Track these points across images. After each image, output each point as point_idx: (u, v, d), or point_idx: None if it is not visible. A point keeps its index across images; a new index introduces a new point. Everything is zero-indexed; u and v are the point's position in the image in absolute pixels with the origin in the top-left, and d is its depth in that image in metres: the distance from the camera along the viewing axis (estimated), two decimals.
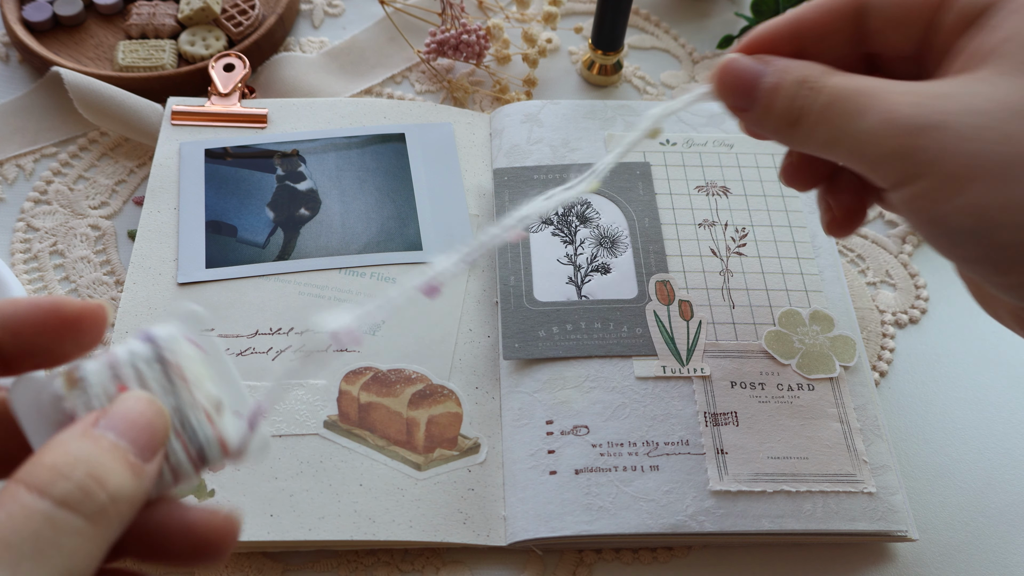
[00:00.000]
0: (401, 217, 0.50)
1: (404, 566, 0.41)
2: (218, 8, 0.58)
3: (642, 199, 0.49)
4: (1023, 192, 0.29)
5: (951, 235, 0.30)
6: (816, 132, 0.33)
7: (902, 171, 0.30)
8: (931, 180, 0.30)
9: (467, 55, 0.57)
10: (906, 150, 0.30)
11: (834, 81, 0.33)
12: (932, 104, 0.30)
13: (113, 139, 0.55)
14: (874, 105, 0.31)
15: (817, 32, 0.36)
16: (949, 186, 0.29)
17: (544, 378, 0.44)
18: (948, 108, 0.30)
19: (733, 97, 0.36)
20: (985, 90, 0.30)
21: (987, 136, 0.29)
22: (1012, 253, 0.29)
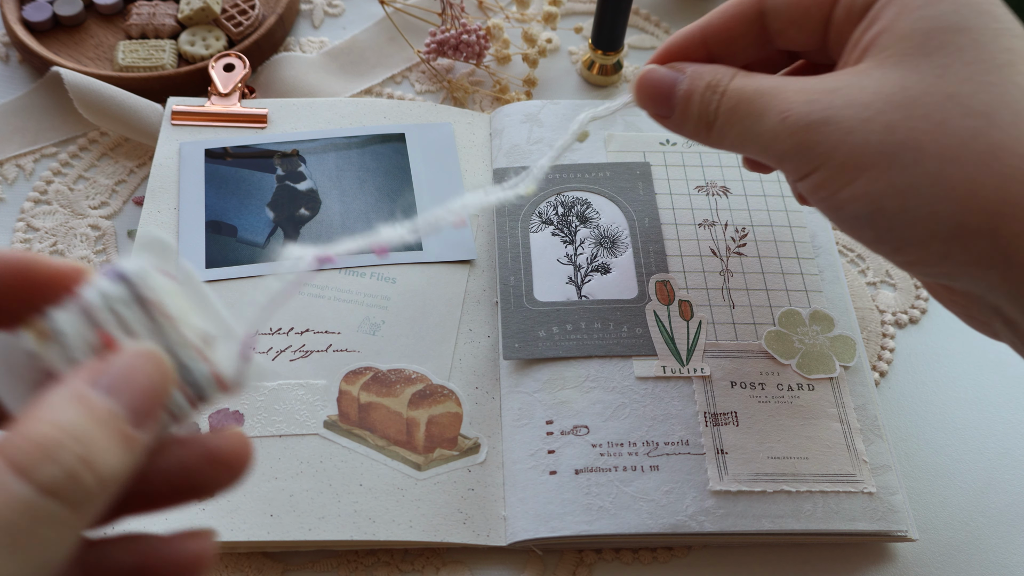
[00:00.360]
0: (401, 217, 0.50)
1: (404, 566, 0.41)
2: (218, 8, 0.58)
3: (642, 199, 0.49)
4: (905, 178, 0.31)
5: (850, 220, 0.33)
6: (727, 134, 0.36)
7: (801, 165, 0.33)
8: (826, 172, 0.32)
9: (467, 55, 0.57)
10: (802, 146, 0.32)
11: (737, 84, 0.35)
12: (821, 100, 0.32)
13: (113, 139, 0.55)
14: (772, 106, 0.33)
15: (724, 37, 0.38)
16: (842, 176, 0.32)
17: (544, 378, 0.44)
18: (835, 103, 0.32)
19: (653, 105, 0.38)
20: (866, 83, 0.32)
21: (870, 128, 0.31)
22: (901, 234, 0.32)
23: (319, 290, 0.47)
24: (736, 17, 0.38)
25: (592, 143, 0.52)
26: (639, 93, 0.39)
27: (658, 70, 0.38)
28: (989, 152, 0.30)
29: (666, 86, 0.38)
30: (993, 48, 0.31)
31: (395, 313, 0.46)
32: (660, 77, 0.38)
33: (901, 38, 0.32)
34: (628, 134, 0.52)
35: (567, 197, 0.49)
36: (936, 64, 0.31)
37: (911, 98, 0.31)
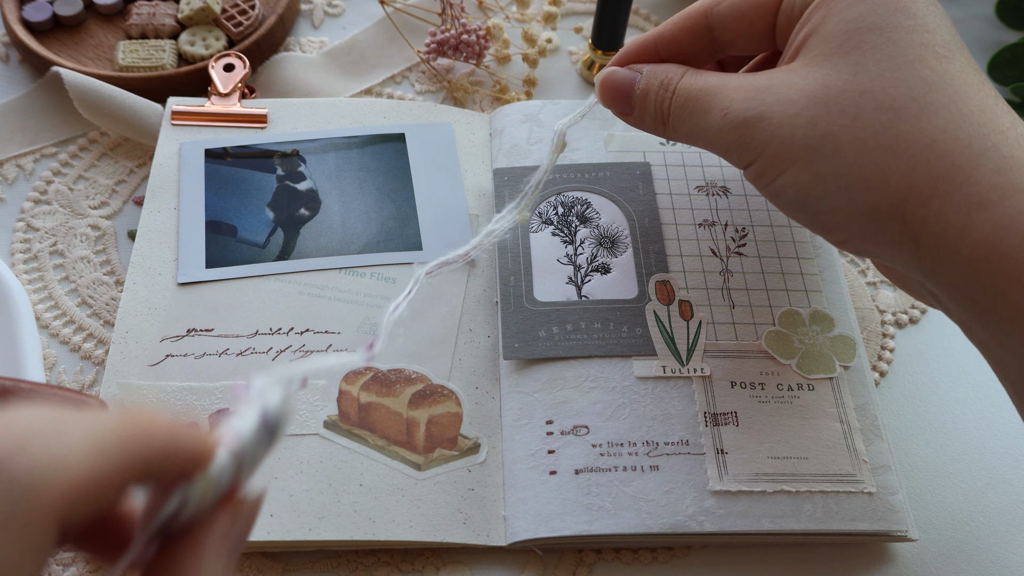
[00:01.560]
0: (401, 217, 0.50)
1: (404, 566, 0.41)
2: (218, 8, 0.58)
3: (642, 199, 0.49)
4: (826, 168, 0.34)
5: (786, 205, 0.37)
6: (679, 129, 0.40)
7: (742, 157, 0.37)
8: (763, 163, 0.36)
9: (467, 55, 0.57)
10: (741, 140, 0.36)
11: (685, 82, 0.39)
12: (757, 98, 0.36)
13: (113, 139, 0.55)
14: (714, 103, 0.37)
15: (675, 48, 0.41)
16: (775, 167, 0.35)
17: (544, 378, 0.44)
18: (768, 100, 0.35)
19: (615, 104, 0.42)
20: (794, 80, 0.35)
21: (796, 123, 0.34)
22: (827, 217, 0.35)
23: (319, 290, 0.47)
24: (684, 30, 0.41)
25: (592, 143, 0.52)
26: (602, 93, 0.42)
27: (618, 71, 0.42)
28: (896, 143, 0.33)
29: (625, 85, 0.41)
30: (905, 45, 0.34)
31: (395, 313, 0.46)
32: (620, 77, 0.41)
33: (825, 39, 0.35)
34: (628, 134, 0.52)
35: (567, 197, 0.49)
36: (853, 62, 0.34)
37: (830, 95, 0.34)
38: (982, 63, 0.60)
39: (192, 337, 0.45)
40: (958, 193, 0.31)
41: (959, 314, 0.34)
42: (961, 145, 0.32)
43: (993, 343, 0.33)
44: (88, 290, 0.49)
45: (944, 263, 0.32)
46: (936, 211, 0.32)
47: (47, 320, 0.48)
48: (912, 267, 0.34)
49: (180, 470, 0.24)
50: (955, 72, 0.33)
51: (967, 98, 0.33)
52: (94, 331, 0.48)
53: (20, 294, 0.47)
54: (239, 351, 0.45)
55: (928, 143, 0.32)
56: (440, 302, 0.47)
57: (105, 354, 0.47)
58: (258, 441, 0.26)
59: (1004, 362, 0.33)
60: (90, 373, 0.47)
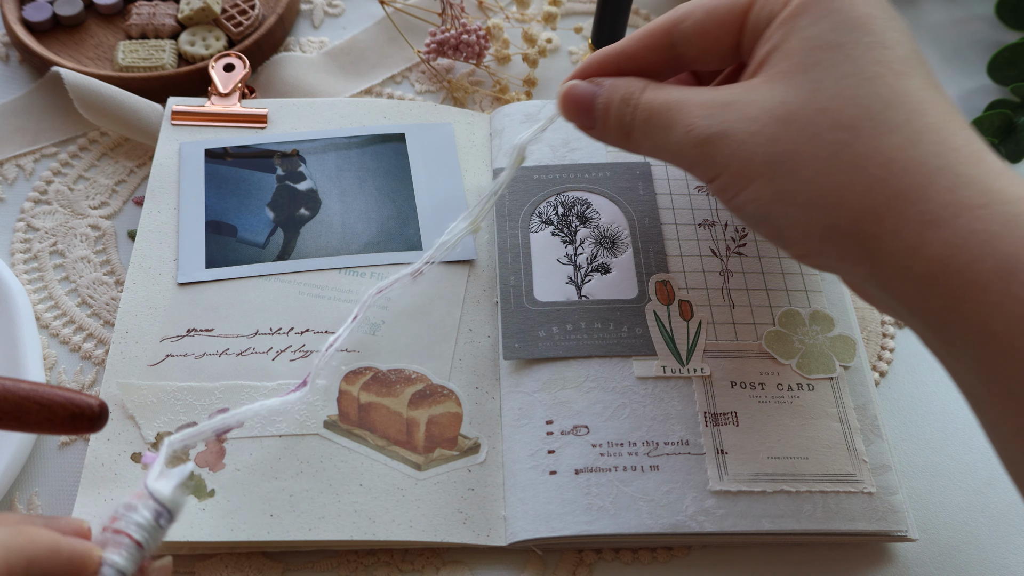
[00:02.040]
0: (401, 217, 0.50)
1: (404, 566, 0.41)
2: (218, 8, 0.58)
3: (642, 199, 0.49)
4: (785, 185, 0.34)
5: (748, 219, 0.37)
6: (642, 144, 0.40)
7: (706, 172, 0.37)
8: (725, 178, 0.36)
9: (467, 55, 0.57)
10: (704, 157, 0.36)
11: (647, 97, 0.39)
12: (719, 114, 0.36)
13: (113, 139, 0.55)
14: (678, 119, 0.37)
15: (637, 63, 0.41)
16: (737, 184, 0.36)
17: (544, 378, 0.44)
18: (730, 117, 0.36)
19: (576, 118, 0.42)
20: (755, 97, 0.36)
21: (756, 140, 0.35)
22: (786, 233, 0.36)
23: (319, 290, 0.47)
24: (647, 47, 0.41)
25: (592, 143, 0.52)
26: (563, 107, 0.42)
27: (579, 84, 0.41)
28: (853, 162, 0.33)
29: (586, 99, 0.41)
30: (863, 62, 0.34)
31: (395, 313, 0.46)
32: (581, 91, 0.41)
33: (787, 56, 0.35)
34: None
35: (567, 197, 0.49)
36: (812, 79, 0.34)
37: (790, 112, 0.34)
38: (982, 63, 0.60)
39: (192, 337, 0.45)
40: (911, 211, 0.32)
41: (916, 327, 0.34)
42: (916, 163, 0.32)
43: (948, 356, 0.33)
44: (88, 290, 0.49)
45: (898, 279, 0.33)
46: (890, 229, 0.32)
47: (47, 320, 0.48)
48: (869, 282, 0.35)
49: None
50: (912, 89, 0.34)
51: (923, 115, 0.33)
52: (94, 331, 0.48)
53: (20, 294, 0.47)
54: (239, 351, 0.45)
55: (884, 162, 0.33)
56: (440, 302, 0.47)
57: (105, 354, 0.47)
58: (155, 528, 0.32)
59: (959, 374, 0.33)
60: (90, 373, 0.47)
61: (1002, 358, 0.30)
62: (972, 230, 0.31)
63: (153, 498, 0.32)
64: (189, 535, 0.40)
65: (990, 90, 0.60)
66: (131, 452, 0.42)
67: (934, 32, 0.63)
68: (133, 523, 0.31)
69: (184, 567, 0.41)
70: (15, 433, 0.42)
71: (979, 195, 0.31)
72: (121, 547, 0.31)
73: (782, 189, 0.34)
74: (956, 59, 0.62)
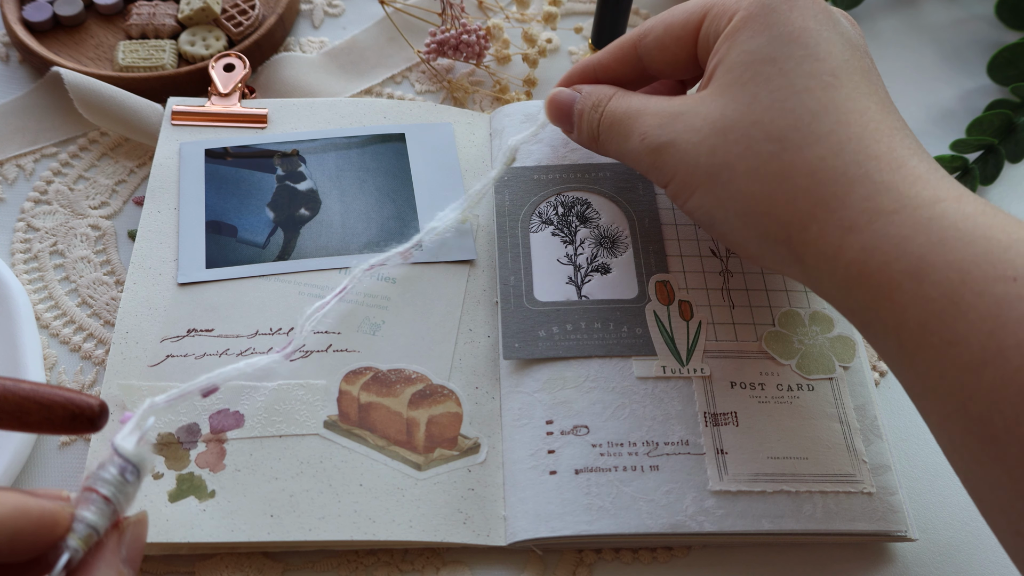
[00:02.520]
0: (401, 217, 0.50)
1: (404, 566, 0.41)
2: (218, 8, 0.58)
3: (642, 199, 0.49)
4: (724, 193, 0.37)
5: (698, 223, 0.40)
6: (608, 148, 0.43)
7: (660, 178, 0.40)
8: (675, 185, 0.39)
9: (467, 55, 0.57)
10: (656, 164, 0.39)
11: (612, 105, 0.42)
12: (669, 125, 0.38)
13: (113, 139, 0.55)
14: (634, 128, 0.40)
15: (610, 74, 0.44)
16: (684, 191, 0.39)
17: (544, 378, 0.44)
18: (678, 128, 0.38)
19: (560, 122, 0.46)
20: (700, 109, 0.38)
21: (700, 151, 0.37)
22: (729, 237, 0.39)
23: (319, 290, 0.47)
24: (618, 59, 0.44)
25: None
26: (548, 112, 0.46)
27: (562, 91, 0.45)
28: (782, 172, 0.35)
29: (567, 105, 0.45)
30: (795, 75, 0.36)
31: (395, 313, 0.46)
32: (563, 97, 0.45)
33: (728, 69, 0.37)
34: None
35: (567, 197, 0.49)
36: (749, 93, 0.36)
37: (728, 124, 0.36)
38: (982, 63, 0.60)
39: (192, 337, 0.45)
40: (832, 218, 0.34)
41: (853, 324, 0.36)
42: (837, 173, 0.34)
43: (878, 352, 0.35)
44: (88, 290, 0.49)
45: (825, 282, 0.35)
46: (814, 235, 0.34)
47: (47, 320, 0.48)
48: (806, 285, 0.37)
49: (38, 538, 0.29)
50: (840, 100, 0.35)
51: (847, 126, 0.35)
52: (94, 331, 0.48)
53: (20, 294, 0.47)
54: (239, 351, 0.45)
55: (809, 171, 0.34)
56: (440, 302, 0.47)
57: (105, 354, 0.47)
58: (122, 483, 0.33)
59: (891, 366, 0.35)
60: (90, 373, 0.47)
61: (917, 352, 0.32)
62: (886, 234, 0.33)
63: (118, 454, 0.33)
64: (189, 536, 0.40)
65: (990, 90, 0.60)
66: None
67: (934, 32, 0.63)
68: (100, 479, 0.32)
69: (184, 567, 0.41)
70: (15, 433, 0.42)
71: (894, 201, 0.33)
72: (90, 503, 0.32)
73: (721, 197, 0.37)
74: (956, 59, 0.62)
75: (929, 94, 0.60)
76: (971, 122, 0.55)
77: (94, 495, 0.32)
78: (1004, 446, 0.29)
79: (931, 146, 0.56)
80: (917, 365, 0.32)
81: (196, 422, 0.43)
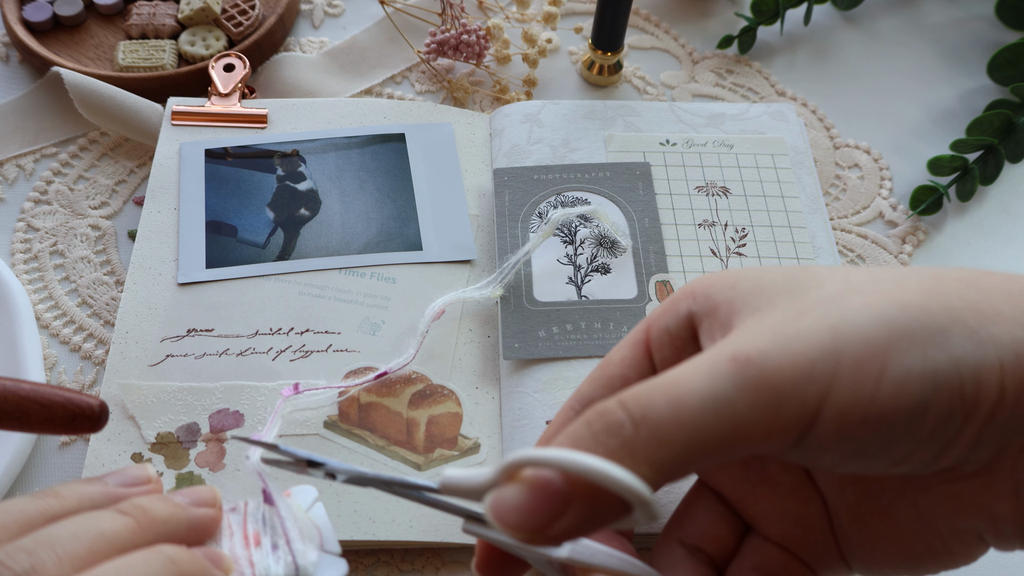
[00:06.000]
0: (401, 217, 0.50)
1: (404, 566, 0.41)
2: (218, 8, 0.58)
3: (642, 199, 0.49)
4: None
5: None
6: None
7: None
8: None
9: (467, 55, 0.57)
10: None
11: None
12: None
13: (113, 139, 0.55)
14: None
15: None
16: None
17: (544, 378, 0.44)
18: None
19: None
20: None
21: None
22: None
23: (319, 290, 0.47)
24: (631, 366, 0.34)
25: (592, 143, 0.52)
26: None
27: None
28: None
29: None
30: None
31: (395, 313, 0.46)
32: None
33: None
34: (628, 134, 0.52)
35: (567, 197, 0.49)
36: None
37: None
38: (982, 63, 0.60)
39: (192, 337, 0.45)
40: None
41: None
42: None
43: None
44: (88, 290, 0.49)
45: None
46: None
47: (47, 320, 0.48)
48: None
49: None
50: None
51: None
52: (94, 331, 0.48)
53: (20, 294, 0.47)
54: (239, 351, 0.45)
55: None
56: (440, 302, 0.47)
57: (105, 354, 0.47)
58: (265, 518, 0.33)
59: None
60: (90, 373, 0.47)
61: None
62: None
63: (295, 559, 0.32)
64: None
65: (990, 90, 0.60)
66: (131, 452, 0.42)
67: (934, 32, 0.63)
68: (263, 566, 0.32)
69: None
70: (15, 433, 0.42)
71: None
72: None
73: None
74: (956, 59, 0.62)
75: (929, 94, 0.60)
76: (971, 122, 0.55)
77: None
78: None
79: (931, 146, 0.57)
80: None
81: (196, 422, 0.43)
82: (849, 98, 0.59)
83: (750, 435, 0.26)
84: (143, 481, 0.33)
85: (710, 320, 0.30)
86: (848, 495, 0.31)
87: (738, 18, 0.62)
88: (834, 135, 0.57)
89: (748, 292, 0.29)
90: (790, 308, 0.27)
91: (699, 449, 0.26)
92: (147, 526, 0.30)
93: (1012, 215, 0.54)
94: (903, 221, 0.53)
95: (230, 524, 0.33)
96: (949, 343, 0.26)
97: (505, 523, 0.26)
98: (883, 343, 0.26)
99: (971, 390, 0.26)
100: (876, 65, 0.61)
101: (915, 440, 0.26)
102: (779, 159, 0.52)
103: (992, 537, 0.30)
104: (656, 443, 0.25)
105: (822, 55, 0.61)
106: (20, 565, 0.27)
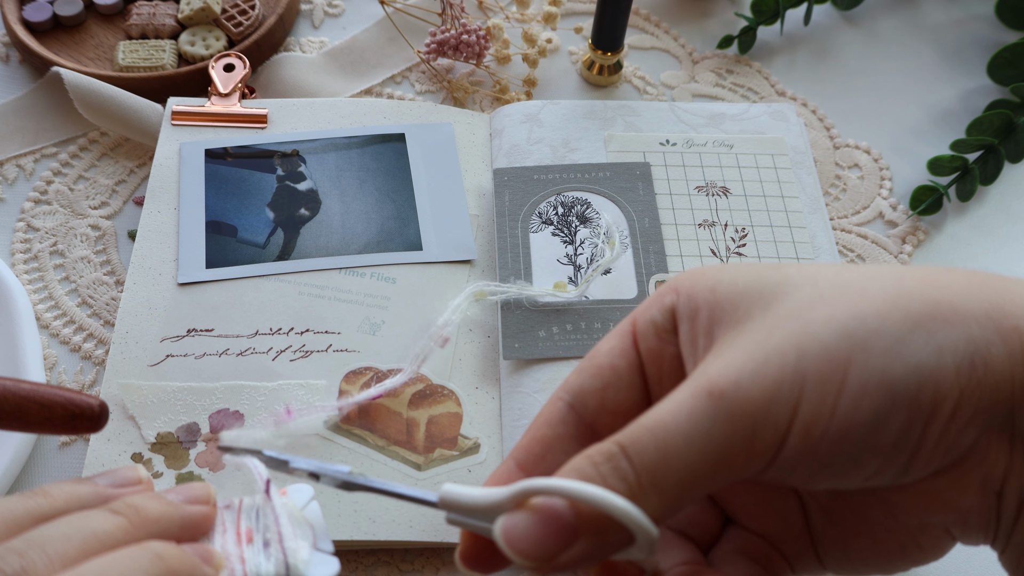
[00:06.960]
0: (401, 217, 0.50)
1: (404, 566, 0.41)
2: (218, 8, 0.58)
3: (642, 199, 0.49)
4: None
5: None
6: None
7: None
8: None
9: (467, 55, 0.57)
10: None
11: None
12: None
13: (113, 139, 0.55)
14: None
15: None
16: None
17: (544, 378, 0.44)
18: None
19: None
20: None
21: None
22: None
23: (319, 290, 0.47)
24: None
25: (592, 143, 0.52)
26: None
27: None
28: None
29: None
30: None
31: (395, 313, 0.46)
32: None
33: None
34: (628, 134, 0.52)
35: (567, 197, 0.49)
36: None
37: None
38: (982, 63, 0.60)
39: (192, 337, 0.45)
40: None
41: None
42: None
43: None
44: (88, 290, 0.49)
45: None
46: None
47: (47, 320, 0.48)
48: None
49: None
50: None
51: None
52: (94, 331, 0.48)
53: (20, 294, 0.47)
54: (239, 351, 0.45)
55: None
56: (440, 302, 0.47)
57: (105, 354, 0.47)
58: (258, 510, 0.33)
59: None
60: (90, 373, 0.47)
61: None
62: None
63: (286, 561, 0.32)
64: None
65: (990, 90, 0.60)
66: (131, 452, 0.42)
67: (934, 32, 0.63)
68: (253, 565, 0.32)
69: None
70: (15, 433, 0.42)
71: None
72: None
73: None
74: (956, 59, 0.62)
75: (929, 94, 0.60)
76: (971, 122, 0.55)
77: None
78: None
79: (931, 146, 0.57)
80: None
81: (196, 422, 0.43)
82: (849, 98, 0.59)
83: (733, 463, 0.27)
84: (133, 482, 0.33)
85: (691, 323, 0.31)
86: (821, 492, 0.32)
87: (738, 18, 0.61)
88: (834, 135, 0.57)
89: (725, 298, 0.30)
90: (761, 325, 0.28)
91: (690, 485, 0.27)
92: (140, 525, 0.30)
93: (1012, 215, 0.54)
94: (903, 221, 0.53)
95: (224, 520, 0.33)
96: (906, 352, 0.27)
97: (516, 550, 0.27)
98: (843, 358, 0.27)
99: (928, 398, 0.26)
100: (876, 65, 0.61)
101: (878, 451, 0.27)
102: (779, 159, 0.52)
103: (959, 531, 0.31)
104: (652, 488, 0.27)
105: (822, 55, 0.61)
106: (11, 566, 0.27)
